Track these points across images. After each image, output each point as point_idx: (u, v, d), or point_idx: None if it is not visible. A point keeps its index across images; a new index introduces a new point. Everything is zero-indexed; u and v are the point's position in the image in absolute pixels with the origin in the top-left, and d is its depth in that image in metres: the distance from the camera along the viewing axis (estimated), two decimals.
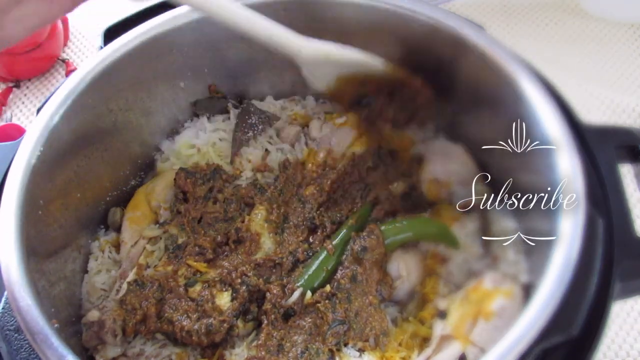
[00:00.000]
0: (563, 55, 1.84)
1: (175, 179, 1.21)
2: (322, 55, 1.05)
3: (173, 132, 1.35)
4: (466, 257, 1.11)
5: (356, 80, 1.11)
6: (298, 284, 1.08)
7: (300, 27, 1.23)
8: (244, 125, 1.31)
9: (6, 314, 0.93)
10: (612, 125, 1.10)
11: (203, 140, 1.31)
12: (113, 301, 1.11)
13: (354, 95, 1.14)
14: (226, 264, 1.13)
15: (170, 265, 1.13)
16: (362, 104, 1.16)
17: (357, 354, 1.01)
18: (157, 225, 1.20)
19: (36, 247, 0.98)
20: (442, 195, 1.20)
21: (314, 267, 1.10)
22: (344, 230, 1.14)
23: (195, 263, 1.12)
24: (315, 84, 1.11)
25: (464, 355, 0.95)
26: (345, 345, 1.02)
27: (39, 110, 1.06)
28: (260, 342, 1.03)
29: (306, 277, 1.09)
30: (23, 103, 1.85)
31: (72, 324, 1.07)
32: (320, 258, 1.11)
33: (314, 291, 1.07)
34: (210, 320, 1.04)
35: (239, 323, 1.07)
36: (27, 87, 1.88)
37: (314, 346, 1.01)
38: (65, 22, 1.95)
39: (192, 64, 1.25)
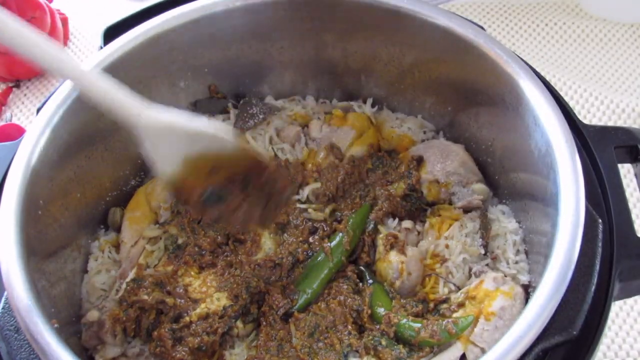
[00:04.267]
0: (563, 55, 1.84)
1: None
2: (165, 123, 0.91)
3: None
4: (466, 257, 1.11)
5: (205, 165, 0.96)
6: (295, 288, 1.09)
7: (301, 27, 1.24)
8: (245, 115, 1.31)
9: (6, 314, 0.92)
10: (612, 125, 1.10)
11: None
12: (113, 301, 1.11)
13: (202, 190, 0.98)
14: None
15: (170, 265, 1.13)
16: (212, 202, 1.00)
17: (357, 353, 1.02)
18: (157, 225, 1.20)
19: (36, 247, 0.97)
20: (442, 195, 1.20)
21: (311, 271, 1.11)
22: (341, 233, 1.14)
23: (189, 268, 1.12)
24: (159, 165, 0.95)
25: (465, 356, 0.95)
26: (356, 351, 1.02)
27: (39, 110, 1.06)
28: (259, 342, 1.03)
29: (304, 280, 1.10)
30: (23, 103, 1.85)
31: (72, 324, 1.07)
32: (319, 261, 1.12)
33: (311, 293, 1.08)
34: (209, 323, 1.04)
35: (239, 324, 1.07)
36: (27, 87, 1.88)
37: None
38: (65, 22, 1.94)
39: (192, 64, 1.25)
